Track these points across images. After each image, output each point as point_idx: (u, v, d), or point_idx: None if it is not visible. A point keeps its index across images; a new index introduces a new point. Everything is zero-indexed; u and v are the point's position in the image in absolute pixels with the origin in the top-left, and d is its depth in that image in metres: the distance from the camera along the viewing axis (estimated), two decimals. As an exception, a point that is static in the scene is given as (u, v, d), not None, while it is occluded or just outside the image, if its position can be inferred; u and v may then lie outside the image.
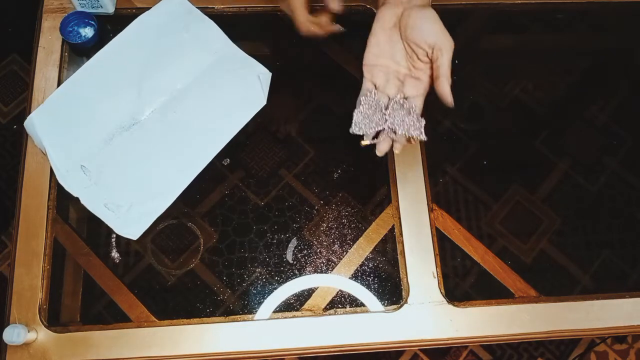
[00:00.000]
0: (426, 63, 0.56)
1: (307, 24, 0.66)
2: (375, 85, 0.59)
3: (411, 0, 0.56)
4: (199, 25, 0.76)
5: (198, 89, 0.75)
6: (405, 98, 0.58)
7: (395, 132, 0.58)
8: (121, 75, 0.73)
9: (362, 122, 0.58)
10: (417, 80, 0.58)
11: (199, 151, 0.72)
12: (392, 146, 0.60)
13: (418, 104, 0.58)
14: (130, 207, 0.69)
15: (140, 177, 0.70)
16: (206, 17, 0.76)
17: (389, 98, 0.58)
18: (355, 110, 0.58)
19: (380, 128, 0.58)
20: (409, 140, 0.58)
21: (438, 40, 0.54)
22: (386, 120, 0.57)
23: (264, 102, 0.75)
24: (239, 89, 0.75)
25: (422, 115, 0.58)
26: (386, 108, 0.58)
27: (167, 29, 0.75)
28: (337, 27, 0.68)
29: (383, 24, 0.57)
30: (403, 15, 0.56)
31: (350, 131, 0.58)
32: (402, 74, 0.58)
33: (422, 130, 0.57)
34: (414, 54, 0.56)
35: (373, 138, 0.59)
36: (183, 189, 0.70)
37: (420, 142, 0.73)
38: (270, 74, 0.75)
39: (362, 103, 0.58)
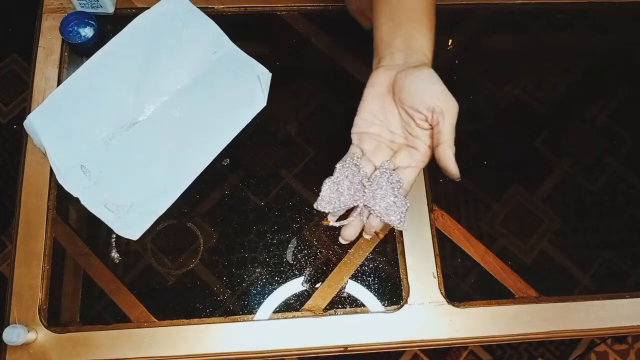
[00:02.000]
0: (425, 129, 0.49)
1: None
2: (362, 151, 0.51)
3: (407, 61, 0.49)
4: (199, 25, 0.76)
5: (198, 89, 0.75)
6: (394, 169, 0.49)
7: (369, 213, 0.48)
8: (120, 74, 0.73)
9: (331, 196, 0.48)
10: (414, 150, 0.50)
11: (199, 152, 0.72)
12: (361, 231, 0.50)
13: (409, 177, 0.49)
14: (130, 207, 0.69)
15: (140, 178, 0.70)
16: (206, 17, 0.76)
17: (375, 168, 0.50)
18: (326, 180, 0.48)
19: (353, 204, 0.48)
20: (382, 229, 0.48)
21: (438, 102, 0.46)
22: (364, 194, 0.48)
23: (264, 103, 0.75)
24: (238, 89, 0.75)
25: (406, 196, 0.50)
26: (368, 179, 0.48)
27: (166, 28, 0.75)
28: None
29: (375, 90, 0.50)
30: (397, 78, 0.49)
31: (315, 206, 0.48)
32: (396, 143, 0.51)
33: (403, 216, 0.48)
34: (410, 120, 0.49)
35: (340, 217, 0.50)
36: (183, 189, 0.70)
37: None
38: (270, 74, 0.75)
39: (337, 170, 0.48)
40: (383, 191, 0.48)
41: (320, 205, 0.48)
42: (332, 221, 0.50)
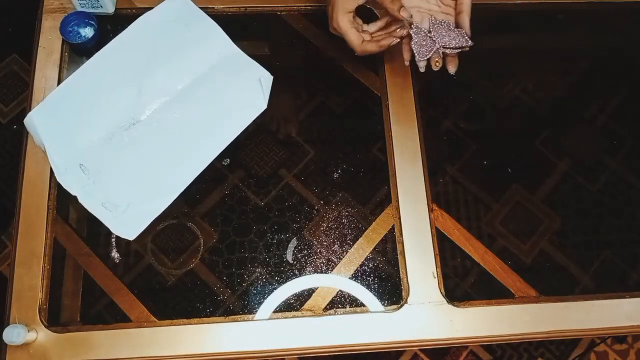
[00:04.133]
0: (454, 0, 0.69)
1: (362, 45, 0.68)
2: (413, 22, 0.69)
3: None
4: (202, 27, 0.76)
5: (199, 91, 0.75)
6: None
7: (445, 48, 0.69)
8: (122, 74, 0.73)
9: (421, 51, 0.69)
10: (446, 15, 0.70)
11: (198, 153, 0.72)
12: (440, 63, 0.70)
13: (451, 18, 0.70)
14: (128, 207, 0.69)
15: (138, 178, 0.70)
16: (209, 18, 0.76)
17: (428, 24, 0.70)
18: (412, 44, 0.69)
19: (434, 48, 0.68)
20: (460, 49, 0.69)
21: None
22: (434, 41, 0.68)
23: (265, 106, 0.75)
24: (239, 92, 0.75)
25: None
26: (429, 32, 0.69)
27: (169, 29, 0.75)
28: (394, 40, 0.69)
29: None
30: None
31: (419, 64, 0.70)
32: (433, 11, 0.70)
33: (466, 38, 0.68)
34: None
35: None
36: (181, 191, 0.70)
37: (421, 140, 0.74)
38: (272, 77, 0.75)
39: (414, 34, 0.68)
40: (445, 31, 0.68)
41: (420, 60, 0.69)
42: (435, 67, 0.70)
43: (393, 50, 0.72)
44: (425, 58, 0.70)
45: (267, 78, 0.75)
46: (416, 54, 0.69)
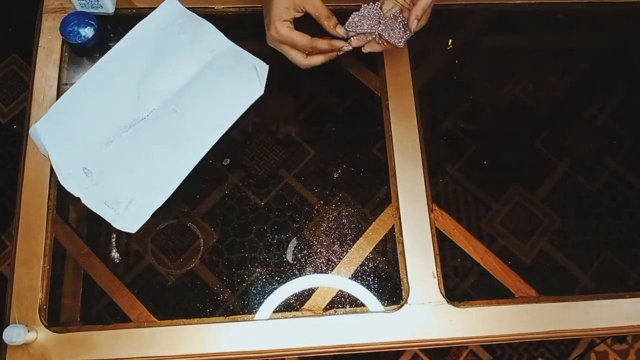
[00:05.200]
0: None
1: (306, 61, 0.70)
2: (381, 4, 0.69)
3: None
4: (195, 26, 0.77)
5: (196, 86, 0.75)
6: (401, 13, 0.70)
7: (380, 37, 0.69)
8: (122, 81, 0.73)
9: (357, 23, 0.68)
10: (409, 11, 0.68)
11: (197, 142, 0.72)
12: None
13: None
14: (130, 203, 0.69)
15: (139, 174, 0.71)
16: (201, 18, 0.77)
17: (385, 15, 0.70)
18: (354, 13, 0.68)
19: (368, 30, 0.68)
20: (387, 42, 0.69)
21: None
22: (374, 28, 0.68)
23: (262, 92, 0.75)
24: (236, 80, 0.76)
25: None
26: (383, 17, 0.69)
27: (164, 34, 0.76)
28: (344, 47, 0.69)
29: None
30: None
31: (346, 27, 0.69)
32: (405, 7, 0.69)
33: (403, 41, 0.69)
34: None
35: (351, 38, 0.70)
36: (181, 180, 0.70)
37: (421, 140, 0.74)
38: (267, 66, 0.76)
39: (363, 7, 0.69)
40: (392, 25, 0.68)
41: (349, 28, 0.69)
42: (354, 43, 0.70)
43: (393, 50, 0.72)
44: (351, 31, 0.69)
45: (262, 66, 0.76)
46: (349, 21, 0.69)
